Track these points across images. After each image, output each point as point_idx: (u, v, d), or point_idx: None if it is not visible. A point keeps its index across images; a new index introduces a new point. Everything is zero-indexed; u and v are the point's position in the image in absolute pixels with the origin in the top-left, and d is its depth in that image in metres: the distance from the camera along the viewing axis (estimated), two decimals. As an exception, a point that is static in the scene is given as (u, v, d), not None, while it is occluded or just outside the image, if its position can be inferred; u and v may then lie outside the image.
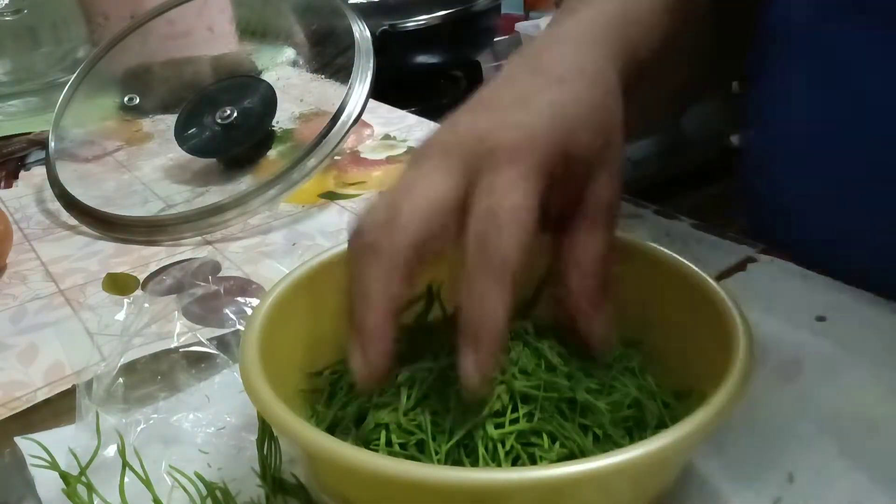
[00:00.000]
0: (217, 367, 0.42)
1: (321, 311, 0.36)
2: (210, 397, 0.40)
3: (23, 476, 0.36)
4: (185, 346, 0.42)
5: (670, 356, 0.35)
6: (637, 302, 0.36)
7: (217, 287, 0.48)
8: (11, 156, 0.77)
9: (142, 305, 0.44)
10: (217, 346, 0.42)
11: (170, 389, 0.40)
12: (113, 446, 0.35)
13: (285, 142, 0.69)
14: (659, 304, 0.36)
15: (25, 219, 0.64)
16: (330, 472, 0.29)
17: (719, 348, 0.30)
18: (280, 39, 0.81)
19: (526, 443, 0.30)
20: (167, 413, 0.38)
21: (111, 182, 0.70)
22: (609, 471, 0.24)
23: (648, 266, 0.36)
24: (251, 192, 0.58)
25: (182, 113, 0.70)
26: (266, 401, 0.28)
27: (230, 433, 0.37)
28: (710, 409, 0.26)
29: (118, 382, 0.39)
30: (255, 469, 0.33)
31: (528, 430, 0.30)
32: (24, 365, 0.44)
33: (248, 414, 0.37)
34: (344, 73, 0.62)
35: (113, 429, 0.36)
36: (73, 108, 0.71)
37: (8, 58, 0.92)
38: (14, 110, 0.89)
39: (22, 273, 0.55)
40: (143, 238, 0.59)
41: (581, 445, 0.30)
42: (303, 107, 0.73)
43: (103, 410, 0.37)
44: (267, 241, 0.57)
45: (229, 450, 0.36)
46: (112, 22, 0.85)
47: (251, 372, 0.29)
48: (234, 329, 0.45)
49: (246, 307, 0.46)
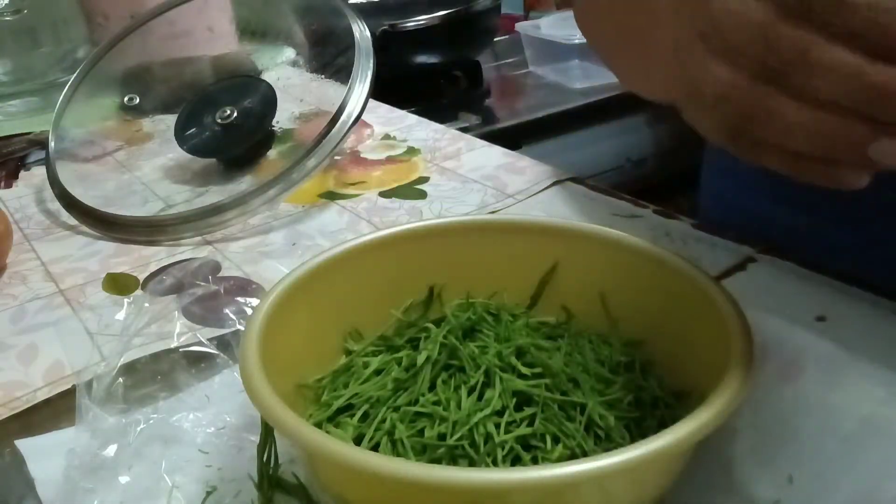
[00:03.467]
0: (217, 367, 0.42)
1: (321, 311, 0.37)
2: (210, 397, 0.40)
3: (23, 476, 0.36)
4: (185, 346, 0.42)
5: (671, 356, 0.35)
6: (638, 302, 0.37)
7: (217, 287, 0.48)
8: (11, 156, 0.76)
9: (142, 305, 0.44)
10: (217, 346, 0.42)
11: (170, 389, 0.40)
12: (113, 446, 0.35)
13: (285, 142, 0.69)
14: (660, 304, 0.36)
15: (25, 219, 0.64)
16: (330, 472, 0.29)
17: (719, 349, 0.30)
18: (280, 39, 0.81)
19: (527, 444, 0.30)
20: (167, 413, 0.38)
21: (111, 182, 0.70)
22: (609, 471, 0.24)
23: (650, 266, 0.36)
24: (251, 192, 0.58)
25: (182, 113, 0.70)
26: (266, 402, 0.28)
27: (230, 433, 0.37)
28: (710, 410, 0.26)
29: (118, 382, 0.39)
30: (251, 475, 0.33)
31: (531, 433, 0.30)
32: (24, 365, 0.44)
33: (248, 414, 0.37)
34: (344, 73, 0.62)
35: (113, 429, 0.36)
36: (73, 108, 0.71)
37: (8, 58, 0.92)
38: (14, 110, 0.88)
39: (22, 273, 0.55)
40: (143, 238, 0.59)
41: (583, 446, 0.30)
42: (303, 107, 0.73)
43: (103, 410, 0.37)
44: (267, 241, 0.57)
45: (229, 450, 0.36)
46: (112, 22, 0.85)
47: (252, 373, 0.29)
48: (233, 329, 0.45)
49: (246, 307, 0.46)
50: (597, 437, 0.31)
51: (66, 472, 0.34)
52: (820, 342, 0.40)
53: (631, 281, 0.37)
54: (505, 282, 0.40)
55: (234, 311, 0.46)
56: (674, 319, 0.35)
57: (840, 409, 0.36)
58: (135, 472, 0.35)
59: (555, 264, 0.40)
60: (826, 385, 0.37)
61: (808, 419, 0.35)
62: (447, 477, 0.25)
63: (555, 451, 0.29)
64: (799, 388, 0.37)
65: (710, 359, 0.31)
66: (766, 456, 0.34)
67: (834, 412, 0.35)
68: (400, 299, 0.40)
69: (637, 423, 0.32)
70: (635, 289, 0.37)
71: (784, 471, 0.33)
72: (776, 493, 0.32)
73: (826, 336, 0.40)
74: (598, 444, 0.30)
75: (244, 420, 0.37)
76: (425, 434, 0.30)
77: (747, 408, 0.33)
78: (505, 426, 0.30)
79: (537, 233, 0.40)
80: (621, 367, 0.35)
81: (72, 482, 0.34)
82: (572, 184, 0.63)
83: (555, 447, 0.30)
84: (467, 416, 0.30)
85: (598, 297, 0.39)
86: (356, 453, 0.25)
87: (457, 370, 0.33)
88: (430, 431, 0.30)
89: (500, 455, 0.29)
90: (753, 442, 0.34)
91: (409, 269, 0.40)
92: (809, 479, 0.32)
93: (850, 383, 0.37)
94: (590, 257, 0.39)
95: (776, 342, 0.39)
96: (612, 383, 0.34)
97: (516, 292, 0.40)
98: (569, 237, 0.39)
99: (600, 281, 0.38)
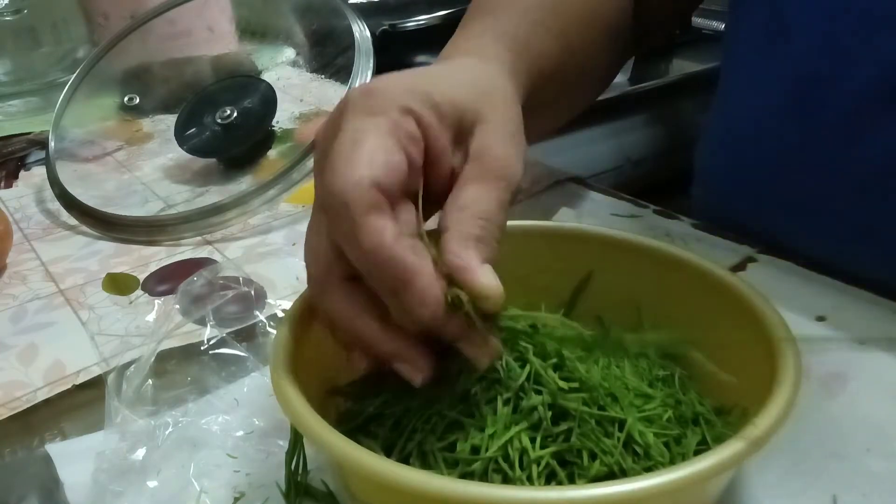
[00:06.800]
0: (246, 370, 0.41)
1: None
2: (239, 400, 0.39)
3: (23, 476, 0.36)
4: (214, 348, 0.42)
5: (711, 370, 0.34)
6: (676, 313, 0.35)
7: (247, 289, 0.47)
8: (11, 156, 0.76)
9: (171, 307, 0.43)
10: (247, 348, 0.42)
11: (199, 392, 0.40)
12: (142, 449, 0.35)
13: (285, 142, 0.69)
14: (699, 315, 0.35)
15: (25, 219, 0.64)
16: (360, 484, 0.28)
17: (763, 363, 0.29)
18: (280, 39, 0.81)
19: (562, 460, 0.29)
20: (196, 416, 0.38)
21: (111, 182, 0.70)
22: (653, 492, 0.24)
23: (689, 276, 0.35)
24: (251, 192, 0.58)
25: (182, 113, 0.70)
26: (297, 411, 0.27)
27: (259, 437, 0.37)
28: (758, 429, 0.25)
29: (148, 384, 0.38)
30: (279, 483, 0.33)
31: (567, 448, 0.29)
32: (24, 365, 0.44)
33: (276, 417, 0.37)
34: (344, 73, 0.62)
35: (142, 431, 0.36)
36: (73, 108, 0.71)
37: (8, 58, 0.92)
38: (14, 110, 0.88)
39: (22, 273, 0.55)
40: (143, 238, 0.59)
41: (621, 463, 0.28)
42: (303, 107, 0.73)
43: (133, 412, 0.36)
44: (267, 241, 0.57)
45: (258, 454, 0.36)
46: (112, 22, 0.85)
47: (282, 382, 0.29)
48: (263, 330, 0.44)
49: (276, 309, 0.45)
50: (635, 453, 0.29)
51: (95, 475, 0.34)
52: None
53: (669, 291, 0.36)
54: (538, 290, 0.38)
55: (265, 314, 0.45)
56: (713, 332, 0.34)
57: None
58: (163, 476, 0.34)
59: (589, 273, 0.38)
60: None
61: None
62: (485, 495, 0.24)
63: (592, 467, 0.28)
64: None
65: (753, 373, 0.29)
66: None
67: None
68: None
69: (677, 440, 0.31)
70: (673, 299, 0.35)
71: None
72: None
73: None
74: (636, 462, 0.29)
75: (273, 423, 0.37)
76: (457, 447, 0.29)
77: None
78: (541, 440, 0.29)
79: (572, 240, 0.39)
80: (659, 380, 0.34)
81: (100, 486, 0.34)
82: (572, 184, 0.63)
83: (591, 463, 0.28)
84: (504, 428, 0.29)
85: (634, 307, 0.37)
86: (386, 466, 0.25)
87: (492, 381, 0.31)
88: (463, 444, 0.29)
89: (536, 471, 0.28)
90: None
91: None
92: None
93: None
94: (626, 266, 0.37)
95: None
96: (651, 398, 0.32)
97: (549, 301, 0.38)
98: (604, 245, 0.38)
99: (636, 291, 0.37)
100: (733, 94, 0.55)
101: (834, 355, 0.38)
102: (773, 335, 0.30)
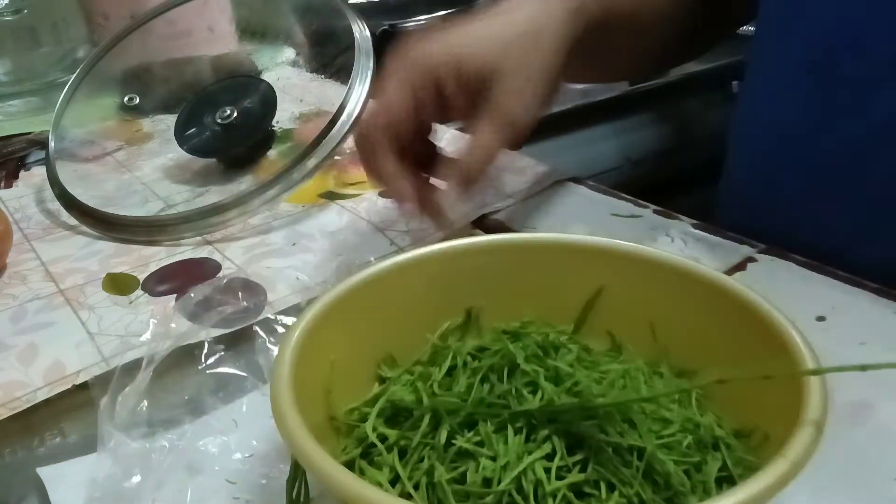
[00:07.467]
0: (245, 390, 0.40)
1: (354, 336, 0.35)
2: (237, 421, 0.38)
3: (23, 476, 0.36)
4: (211, 367, 0.41)
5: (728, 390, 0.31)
6: (691, 330, 0.34)
7: (247, 304, 0.46)
8: (11, 156, 0.76)
9: (168, 326, 0.42)
10: (245, 367, 0.41)
11: (196, 412, 0.39)
12: (137, 477, 0.34)
13: (285, 142, 0.69)
14: (716, 333, 0.33)
15: (25, 219, 0.64)
16: None
17: (786, 384, 0.28)
18: (280, 39, 0.81)
19: (579, 491, 0.28)
20: (193, 438, 0.37)
21: (111, 182, 0.70)
22: None
23: (705, 291, 0.34)
24: (251, 192, 0.58)
25: (182, 113, 0.70)
26: (300, 443, 0.26)
27: (258, 460, 0.35)
28: (787, 461, 0.24)
29: (143, 404, 0.37)
30: None
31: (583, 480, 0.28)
32: (24, 365, 0.44)
33: (277, 440, 0.35)
34: (344, 73, 0.62)
35: (136, 455, 0.35)
36: (73, 108, 0.71)
37: (8, 58, 0.92)
38: (14, 110, 0.88)
39: (22, 273, 0.55)
40: (143, 238, 0.59)
41: (641, 495, 0.27)
42: (303, 107, 0.73)
43: (126, 434, 0.35)
44: (267, 241, 0.57)
45: (257, 479, 0.35)
46: (112, 22, 0.85)
47: (284, 410, 0.27)
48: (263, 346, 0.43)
49: (277, 325, 0.44)
50: (654, 482, 0.28)
51: (88, 503, 0.33)
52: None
53: (683, 307, 0.34)
54: (546, 305, 0.37)
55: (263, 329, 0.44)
56: (731, 350, 0.32)
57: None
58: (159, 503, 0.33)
59: (600, 288, 0.37)
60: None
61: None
62: None
63: (611, 499, 0.27)
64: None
65: (775, 394, 0.28)
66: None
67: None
68: (436, 322, 0.37)
69: (697, 468, 0.29)
70: (688, 316, 0.34)
71: None
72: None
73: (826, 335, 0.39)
74: (656, 492, 0.28)
75: (273, 445, 0.36)
76: (468, 478, 0.28)
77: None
78: (556, 471, 0.28)
79: (582, 253, 0.38)
80: (675, 402, 0.32)
81: None
82: (572, 184, 0.63)
83: (610, 495, 0.27)
84: (517, 459, 0.28)
85: (647, 324, 0.36)
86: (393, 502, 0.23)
87: (500, 407, 0.30)
88: (474, 475, 0.28)
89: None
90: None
91: (446, 291, 0.38)
92: None
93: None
94: (638, 280, 0.36)
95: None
96: (669, 423, 0.31)
97: (558, 317, 0.37)
98: (616, 258, 0.37)
99: (649, 306, 0.36)
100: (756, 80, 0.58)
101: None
102: (795, 352, 0.29)
